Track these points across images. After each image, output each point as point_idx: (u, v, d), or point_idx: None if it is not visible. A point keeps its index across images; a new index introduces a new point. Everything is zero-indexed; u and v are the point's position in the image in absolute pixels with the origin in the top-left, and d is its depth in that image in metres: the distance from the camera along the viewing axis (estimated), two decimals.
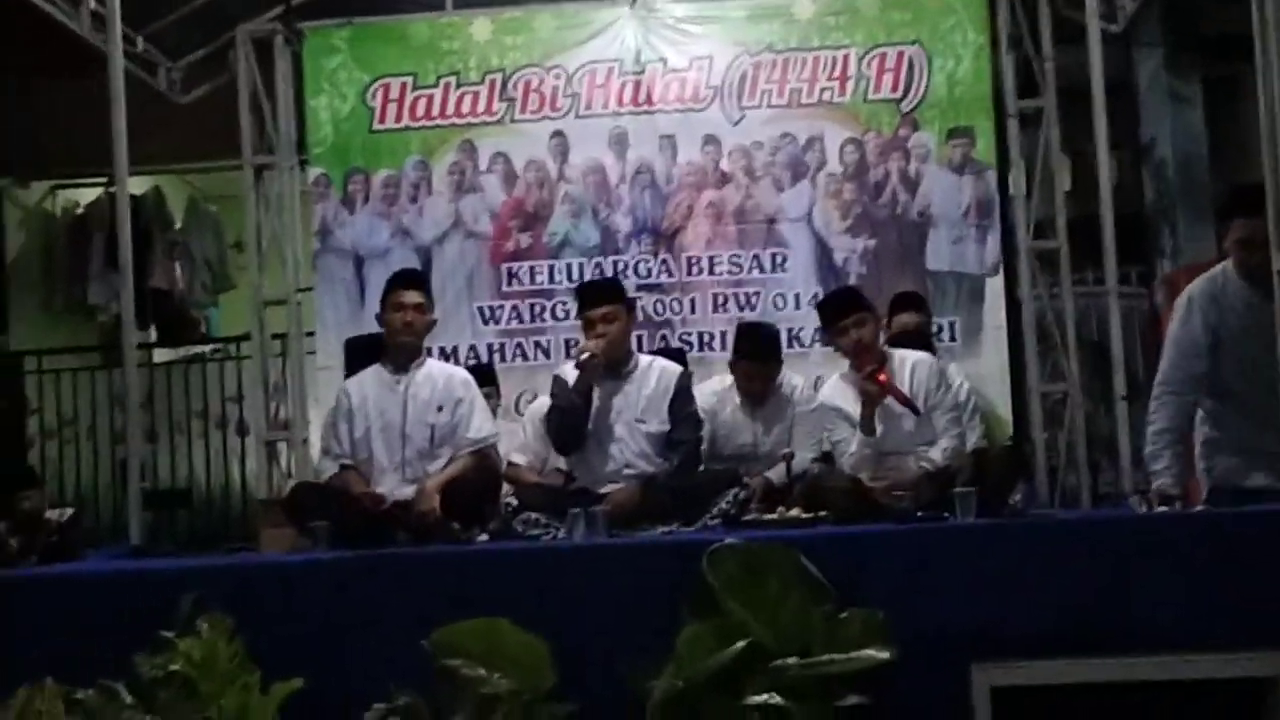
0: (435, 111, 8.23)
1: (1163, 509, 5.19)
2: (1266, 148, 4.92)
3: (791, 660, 4.36)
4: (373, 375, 6.28)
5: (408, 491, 5.98)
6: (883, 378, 5.87)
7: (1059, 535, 4.75)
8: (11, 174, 10.39)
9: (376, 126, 8.24)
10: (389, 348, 6.27)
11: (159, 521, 9.09)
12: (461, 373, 6.47)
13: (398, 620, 4.73)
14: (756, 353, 6.79)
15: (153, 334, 10.51)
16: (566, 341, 7.79)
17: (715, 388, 6.87)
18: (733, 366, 6.86)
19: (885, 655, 4.37)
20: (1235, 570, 4.52)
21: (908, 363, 6.13)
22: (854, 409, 6.02)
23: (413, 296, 6.25)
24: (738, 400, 6.78)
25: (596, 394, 6.16)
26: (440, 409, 6.14)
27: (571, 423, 6.14)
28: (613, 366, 6.19)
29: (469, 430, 6.16)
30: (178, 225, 10.73)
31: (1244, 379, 5.48)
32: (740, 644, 4.35)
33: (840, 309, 6.18)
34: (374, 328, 7.46)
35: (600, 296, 6.26)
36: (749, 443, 6.72)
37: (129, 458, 7.77)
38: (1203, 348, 5.51)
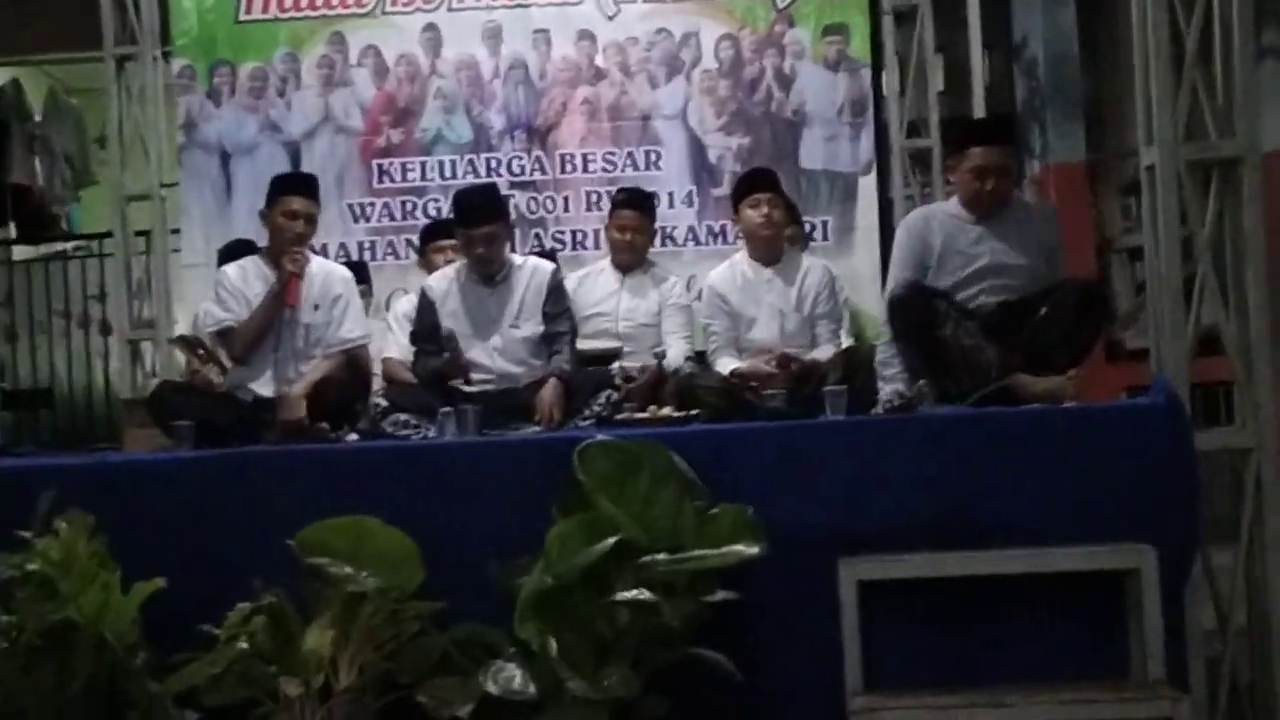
0: (304, 2, 8.04)
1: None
2: (1139, 45, 4.94)
3: (661, 556, 4.36)
4: (253, 267, 6.13)
5: (277, 389, 5.89)
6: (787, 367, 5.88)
7: (925, 432, 4.77)
8: None
9: (243, 17, 8.03)
10: (270, 251, 6.12)
11: (20, 422, 8.94)
12: (342, 270, 6.35)
13: (264, 520, 4.67)
14: (631, 200, 6.78)
15: (12, 230, 10.26)
16: None
17: (586, 270, 6.84)
18: (609, 225, 6.84)
19: (754, 550, 4.39)
20: (1096, 464, 4.58)
21: (803, 266, 6.18)
22: (740, 301, 6.04)
23: (304, 204, 6.07)
24: (609, 271, 6.74)
25: (466, 301, 6.08)
26: (317, 308, 6.03)
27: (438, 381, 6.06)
28: (489, 276, 6.11)
29: (340, 329, 6.06)
30: (37, 118, 10.45)
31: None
32: (610, 540, 4.34)
33: (757, 182, 6.28)
34: (239, 224, 7.36)
35: (482, 216, 6.10)
36: (610, 311, 6.65)
37: None
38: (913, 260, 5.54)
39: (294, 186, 6.22)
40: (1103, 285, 5.30)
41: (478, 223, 6.07)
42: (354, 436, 5.79)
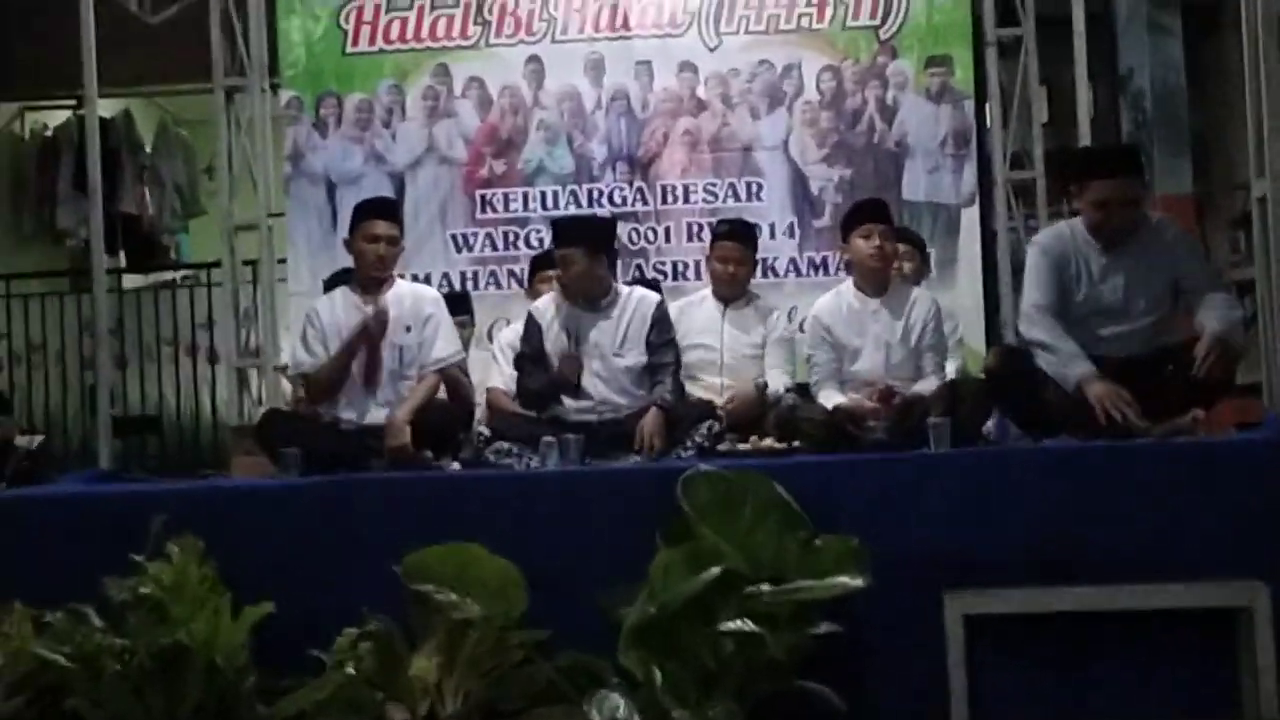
0: (409, 34, 8.12)
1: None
2: (1250, 78, 4.89)
3: (765, 587, 4.35)
4: (341, 297, 6.20)
5: (380, 416, 5.94)
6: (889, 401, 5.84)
7: (1031, 464, 4.75)
8: None
9: (350, 49, 8.13)
10: (358, 277, 6.19)
11: (128, 448, 9.05)
12: (430, 291, 6.41)
13: (370, 545, 4.72)
14: (733, 232, 6.73)
15: (122, 259, 10.41)
16: None
17: (688, 299, 6.83)
18: (710, 255, 6.79)
19: (859, 582, 4.37)
20: (1208, 499, 4.53)
21: (911, 297, 6.16)
22: (844, 333, 6.05)
23: (385, 227, 6.12)
24: (710, 302, 6.68)
25: (570, 327, 6.12)
26: (409, 329, 6.08)
27: (543, 400, 6.11)
28: (589, 301, 6.15)
29: (433, 349, 6.09)
30: (148, 149, 10.60)
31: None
32: (714, 570, 4.34)
33: (869, 212, 6.22)
34: (344, 253, 7.41)
35: (564, 239, 6.20)
36: (713, 343, 6.55)
37: (98, 384, 7.75)
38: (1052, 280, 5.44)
39: (374, 210, 6.26)
40: (1231, 346, 5.13)
41: (559, 244, 6.19)
42: (456, 465, 5.83)
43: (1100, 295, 5.37)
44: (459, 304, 7.21)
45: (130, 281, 10.30)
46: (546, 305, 6.24)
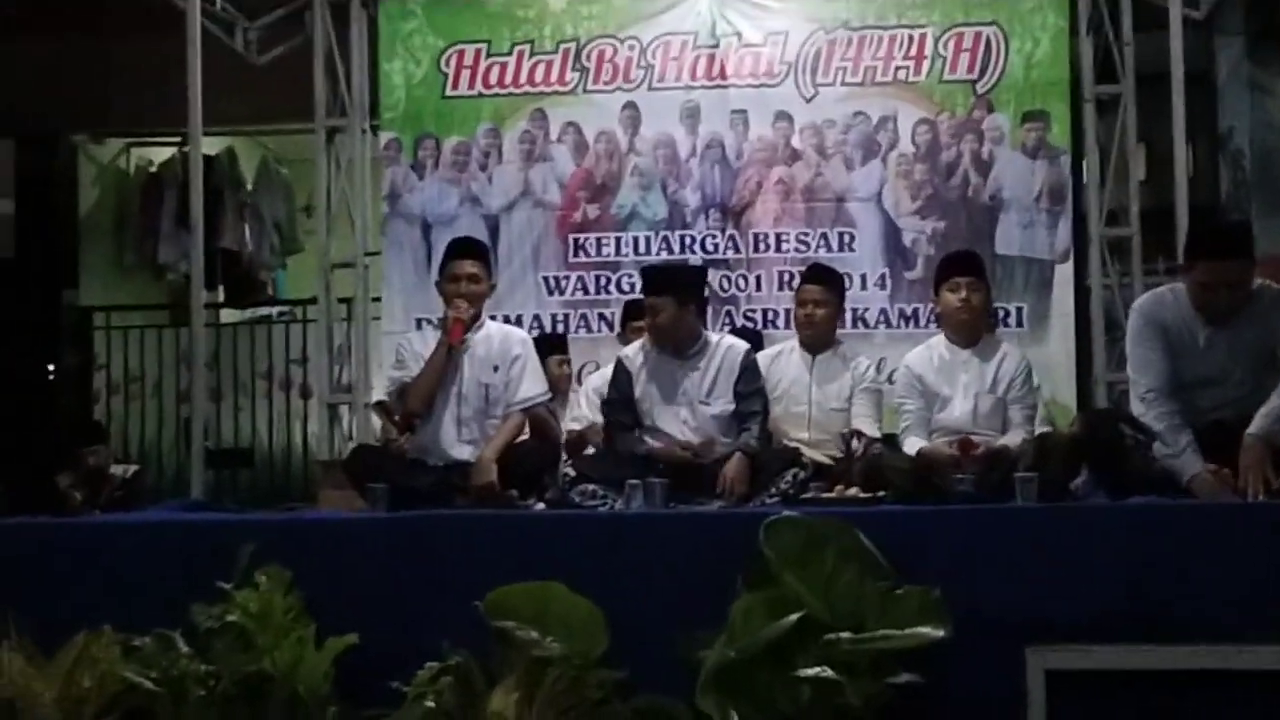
0: (508, 80, 8.24)
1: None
2: None
3: (845, 635, 4.33)
4: (433, 334, 6.28)
5: (466, 453, 5.99)
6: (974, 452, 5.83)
7: (1118, 521, 4.69)
8: (87, 130, 10.48)
9: (449, 92, 8.26)
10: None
11: (220, 480, 9.18)
12: (519, 332, 6.48)
13: (454, 582, 4.72)
14: (814, 275, 6.74)
15: (220, 294, 10.59)
16: None
17: (777, 349, 6.82)
18: (797, 298, 6.78)
19: (940, 633, 4.34)
20: None
21: (1000, 350, 6.18)
22: (935, 381, 6.06)
23: (469, 266, 6.20)
24: (798, 353, 6.66)
25: (658, 373, 6.18)
26: (496, 369, 6.14)
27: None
28: (677, 349, 6.17)
29: (519, 389, 6.15)
30: (249, 186, 10.79)
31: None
32: (794, 616, 4.32)
33: (957, 266, 6.25)
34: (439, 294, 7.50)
35: (652, 286, 6.28)
36: (800, 395, 6.54)
37: (193, 416, 7.88)
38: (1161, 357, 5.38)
39: (457, 250, 6.34)
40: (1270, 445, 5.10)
41: (648, 292, 6.25)
42: (541, 505, 5.87)
43: (1201, 366, 5.33)
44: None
45: (228, 316, 10.48)
46: (636, 352, 6.28)
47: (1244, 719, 4.38)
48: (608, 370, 6.53)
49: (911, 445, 5.92)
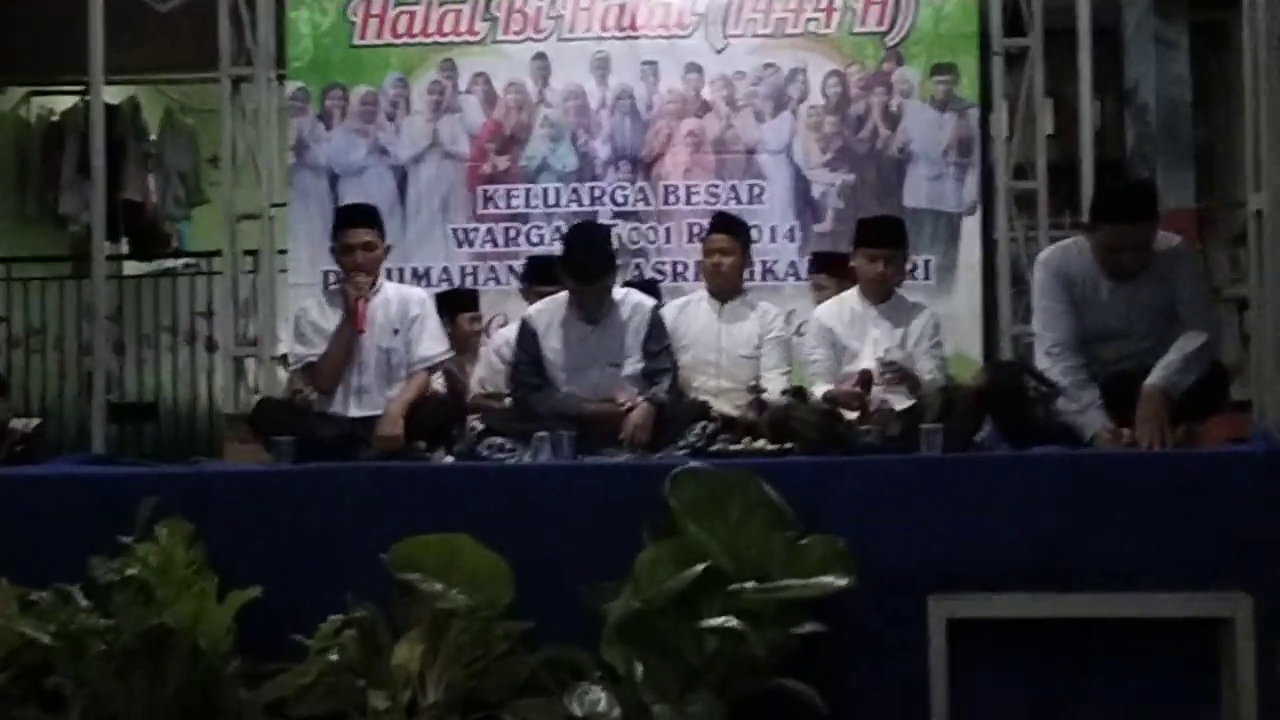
0: (417, 29, 8.15)
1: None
2: (1250, 92, 4.90)
3: (750, 585, 4.35)
4: (330, 299, 6.23)
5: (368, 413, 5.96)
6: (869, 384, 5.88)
7: (1020, 471, 4.74)
8: None
9: (357, 41, 8.16)
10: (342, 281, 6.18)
11: (124, 434, 9.07)
12: (417, 292, 6.42)
13: (359, 535, 4.72)
14: (720, 224, 6.70)
15: (124, 246, 10.43)
16: None
17: (685, 299, 6.80)
18: (705, 247, 6.74)
19: (844, 582, 4.37)
20: (1194, 511, 4.52)
21: (910, 308, 6.25)
22: (844, 334, 6.14)
23: (363, 235, 6.10)
24: (706, 302, 6.64)
25: (568, 336, 6.11)
26: (396, 332, 6.09)
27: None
28: (592, 319, 6.13)
29: (419, 349, 6.11)
30: (153, 136, 10.63)
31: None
32: (699, 567, 4.34)
33: (882, 236, 6.29)
34: None
35: (597, 273, 6.03)
36: (710, 342, 6.53)
37: (95, 370, 7.75)
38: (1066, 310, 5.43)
39: (349, 219, 6.27)
40: (1219, 365, 5.16)
41: (592, 279, 6.03)
42: (449, 459, 5.84)
43: (1104, 319, 5.38)
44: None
45: (131, 268, 10.35)
46: (541, 313, 6.20)
47: (1143, 666, 4.46)
48: (512, 330, 6.48)
49: (819, 390, 5.99)
